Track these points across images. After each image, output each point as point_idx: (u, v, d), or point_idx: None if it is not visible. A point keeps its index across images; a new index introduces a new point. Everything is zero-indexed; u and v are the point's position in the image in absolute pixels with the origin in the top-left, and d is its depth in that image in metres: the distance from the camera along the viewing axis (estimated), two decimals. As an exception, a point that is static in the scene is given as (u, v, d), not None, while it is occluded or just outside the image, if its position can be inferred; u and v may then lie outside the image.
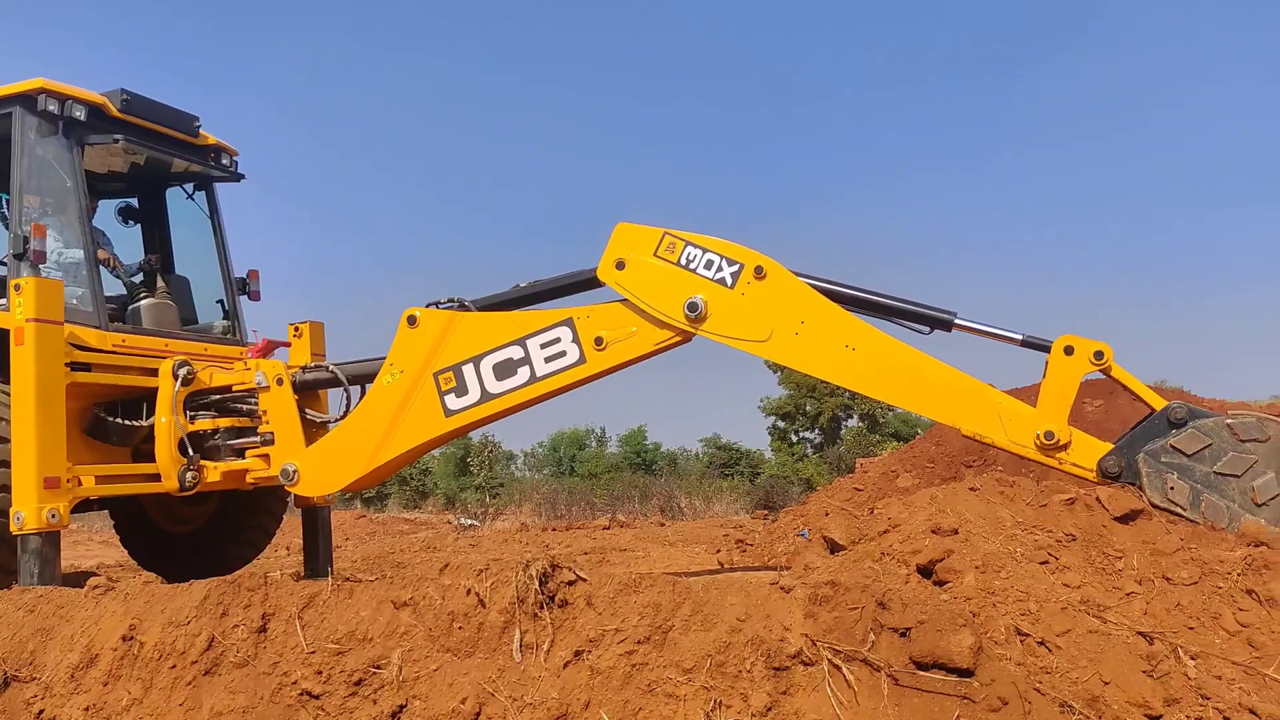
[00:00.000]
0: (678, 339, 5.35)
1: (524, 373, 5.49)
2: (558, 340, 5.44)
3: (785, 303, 5.15)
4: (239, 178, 8.14)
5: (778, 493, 22.61)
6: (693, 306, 5.18)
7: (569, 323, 5.43)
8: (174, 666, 3.99)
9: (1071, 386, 4.91)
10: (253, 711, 3.78)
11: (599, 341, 5.36)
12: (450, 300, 5.78)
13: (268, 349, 6.99)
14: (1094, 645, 3.63)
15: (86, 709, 4.07)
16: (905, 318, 5.25)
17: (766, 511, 16.10)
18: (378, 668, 3.68)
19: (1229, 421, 4.69)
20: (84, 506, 6.87)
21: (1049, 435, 4.85)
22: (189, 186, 8.21)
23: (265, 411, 6.45)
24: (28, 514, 5.86)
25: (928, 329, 5.20)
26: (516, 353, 5.49)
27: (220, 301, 8.16)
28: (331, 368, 6.54)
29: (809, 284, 5.21)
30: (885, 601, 3.31)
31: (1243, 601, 4.28)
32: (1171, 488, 4.74)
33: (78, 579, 6.61)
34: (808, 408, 34.42)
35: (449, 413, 5.61)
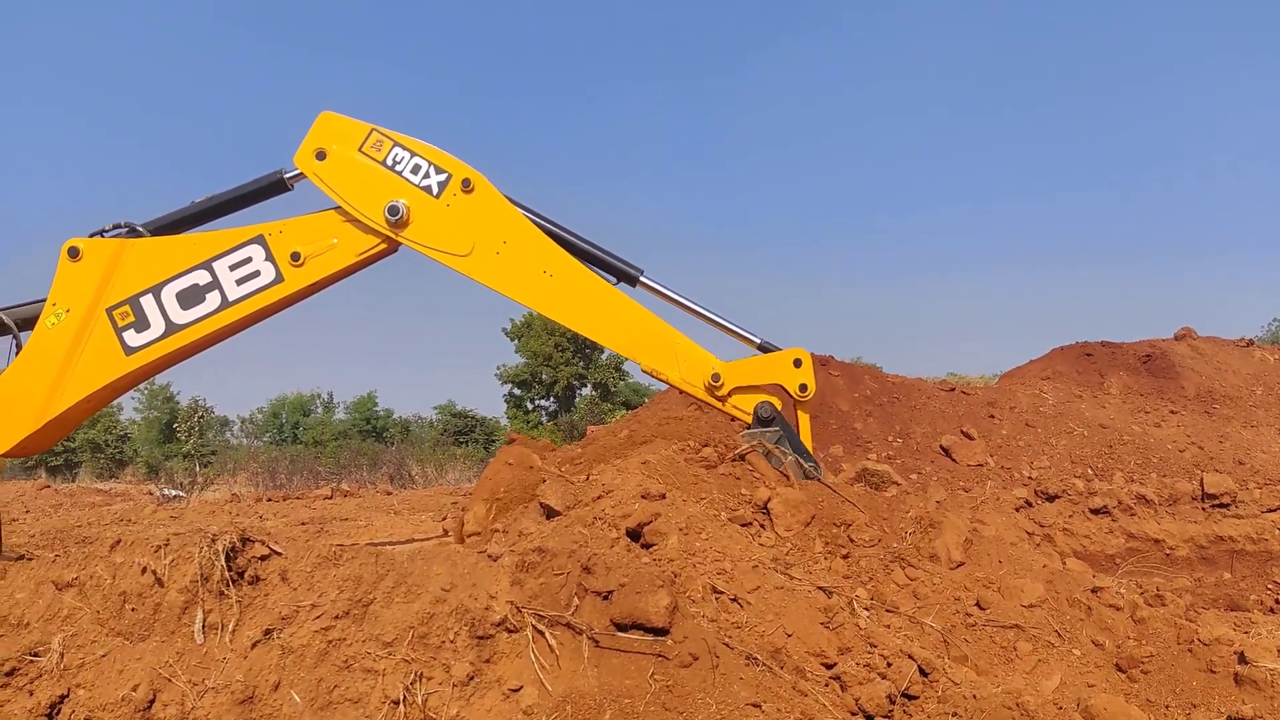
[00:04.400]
0: (381, 246, 5.14)
1: (213, 298, 5.07)
2: (249, 260, 5.07)
3: (490, 220, 5.13)
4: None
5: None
6: (394, 210, 5.01)
7: (260, 240, 5.07)
8: None
9: (767, 378, 5.49)
10: (-127, 713, 3.26)
11: (296, 257, 5.06)
12: (117, 226, 5.20)
13: None
14: (779, 600, 3.91)
15: None
16: (598, 264, 5.36)
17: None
18: (35, 655, 3.28)
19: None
20: None
21: (716, 378, 5.32)
22: None
23: None
24: None
25: (614, 279, 5.37)
26: (203, 277, 5.06)
27: None
28: None
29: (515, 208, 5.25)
30: (590, 566, 3.37)
31: (911, 558, 4.80)
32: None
33: None
34: (544, 376, 34.75)
35: (130, 350, 5.09)
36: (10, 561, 3.87)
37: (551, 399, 36.00)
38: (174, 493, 17.88)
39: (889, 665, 3.78)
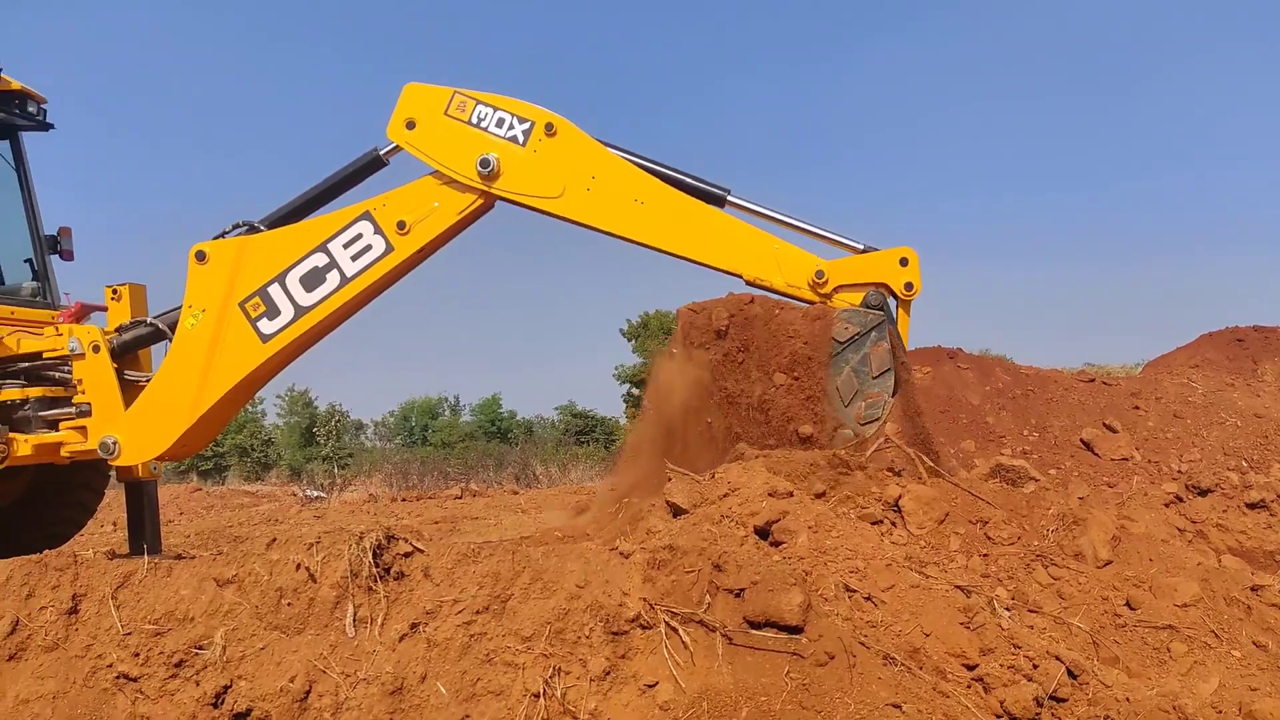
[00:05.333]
0: (479, 202, 5.30)
1: (333, 277, 5.33)
2: (359, 236, 5.31)
3: (576, 159, 5.21)
4: (47, 127, 7.47)
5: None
6: (485, 163, 5.15)
7: (367, 215, 5.32)
8: (-28, 653, 3.69)
9: (872, 276, 5.25)
10: (65, 697, 3.55)
11: (401, 226, 5.27)
12: (237, 226, 5.53)
13: (81, 313, 6.47)
14: (916, 600, 3.82)
15: (-127, 702, 3.72)
16: (684, 189, 5.32)
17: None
18: (200, 648, 3.51)
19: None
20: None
21: (820, 274, 5.17)
22: (-9, 135, 7.49)
23: (80, 380, 5.97)
24: None
25: (703, 201, 5.33)
26: (320, 259, 5.33)
27: (29, 261, 7.51)
28: (151, 320, 5.98)
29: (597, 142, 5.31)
30: (721, 564, 3.37)
31: (1054, 556, 4.62)
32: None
33: None
34: (662, 375, 34.83)
35: (265, 338, 5.39)
36: (171, 560, 4.14)
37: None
38: (316, 494, 18.77)
39: (1035, 667, 3.65)
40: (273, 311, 5.37)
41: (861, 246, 5.37)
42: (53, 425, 6.17)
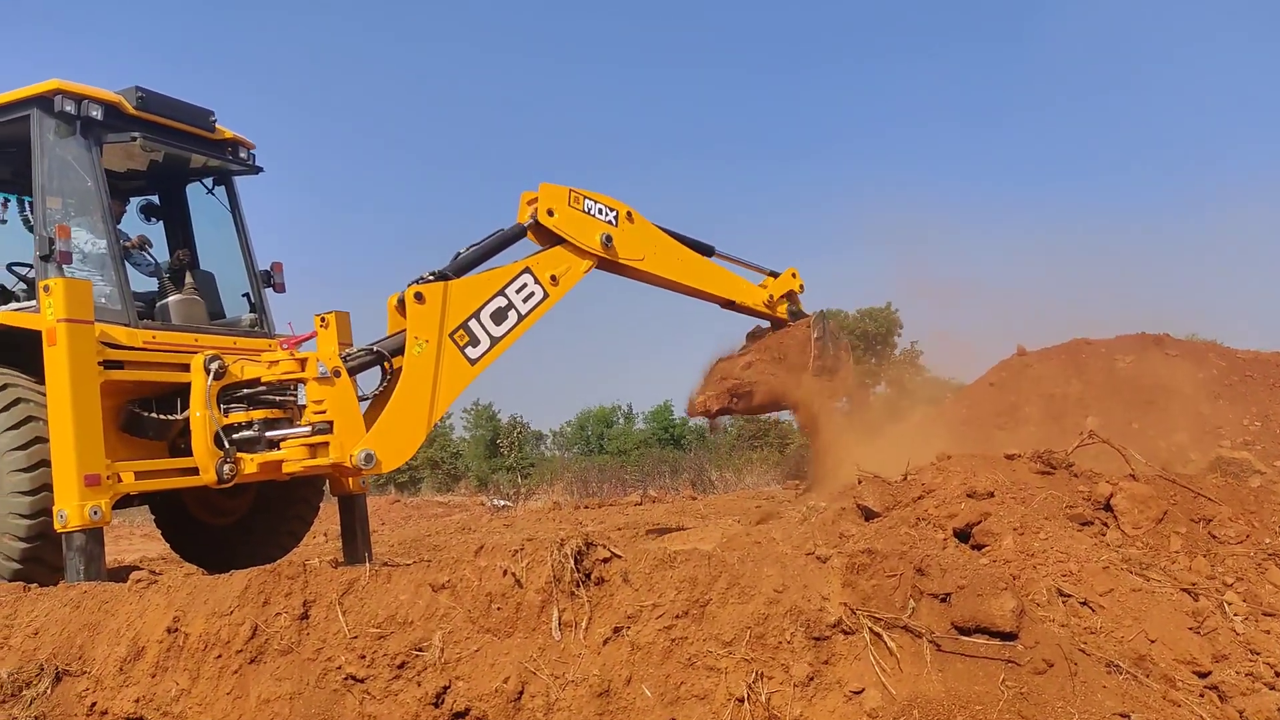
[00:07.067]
0: (594, 264, 7.61)
1: (513, 315, 7.13)
2: (526, 285, 7.23)
3: (645, 235, 7.98)
4: (257, 170, 8.14)
5: (808, 462, 22.45)
6: (607, 239, 7.62)
7: (528, 270, 7.28)
8: (219, 656, 4.04)
9: (785, 288, 9.12)
10: (300, 697, 3.82)
11: (554, 279, 7.37)
12: (430, 275, 6.90)
13: (301, 341, 7.03)
14: (1138, 604, 3.59)
15: (137, 700, 4.13)
16: (690, 246, 8.39)
17: (798, 482, 16.02)
18: (420, 650, 3.70)
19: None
20: (125, 502, 6.94)
21: (770, 298, 8.98)
22: (208, 181, 8.23)
23: (320, 400, 6.50)
24: (70, 512, 5.94)
25: (704, 252, 8.49)
26: (502, 301, 7.09)
27: (246, 295, 8.20)
28: (376, 348, 6.78)
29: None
30: (924, 567, 3.28)
31: (1289, 555, 4.22)
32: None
33: (121, 573, 6.71)
34: (835, 376, 34.16)
35: (472, 361, 6.92)
36: (390, 567, 4.40)
37: (844, 399, 35.35)
38: (503, 503, 19.49)
39: (1277, 675, 3.36)
40: (474, 341, 6.94)
41: (769, 270, 9.05)
42: (273, 444, 6.71)
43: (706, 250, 8.57)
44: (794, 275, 9.01)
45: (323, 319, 7.07)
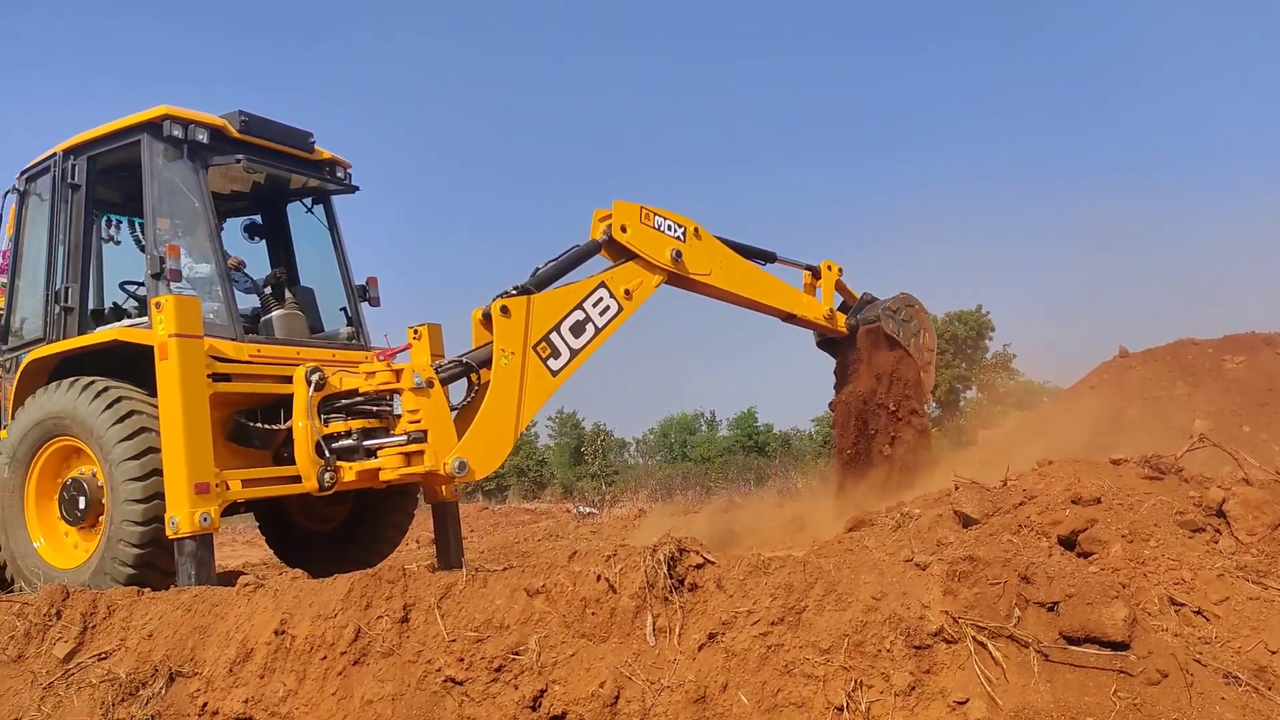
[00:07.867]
0: (664, 278, 7.75)
1: (590, 328, 7.31)
2: (602, 299, 7.41)
3: (711, 250, 8.10)
4: (353, 189, 8.38)
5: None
6: (677, 255, 7.73)
7: (603, 285, 7.43)
8: (324, 658, 4.16)
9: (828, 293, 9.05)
10: (401, 699, 3.91)
11: (627, 293, 7.54)
12: (513, 289, 7.05)
13: (396, 353, 7.21)
14: (1256, 613, 3.44)
15: (246, 701, 4.28)
16: (752, 256, 8.53)
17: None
18: (516, 654, 3.76)
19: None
20: (230, 509, 7.21)
21: (830, 311, 8.95)
22: (307, 200, 8.51)
23: (415, 410, 6.68)
24: (181, 518, 6.20)
25: (763, 261, 8.65)
26: (580, 315, 7.27)
27: (343, 309, 8.44)
28: (465, 360, 6.92)
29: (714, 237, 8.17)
30: (1029, 575, 3.19)
31: None
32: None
33: (229, 578, 6.97)
34: (923, 380, 33.48)
35: (554, 373, 7.08)
36: (486, 572, 4.48)
37: (934, 404, 34.64)
38: (588, 510, 19.65)
39: None
40: (555, 353, 7.11)
41: (806, 265, 9.02)
42: (371, 453, 6.89)
43: (768, 256, 8.72)
44: (829, 268, 9.04)
45: (415, 331, 7.25)
